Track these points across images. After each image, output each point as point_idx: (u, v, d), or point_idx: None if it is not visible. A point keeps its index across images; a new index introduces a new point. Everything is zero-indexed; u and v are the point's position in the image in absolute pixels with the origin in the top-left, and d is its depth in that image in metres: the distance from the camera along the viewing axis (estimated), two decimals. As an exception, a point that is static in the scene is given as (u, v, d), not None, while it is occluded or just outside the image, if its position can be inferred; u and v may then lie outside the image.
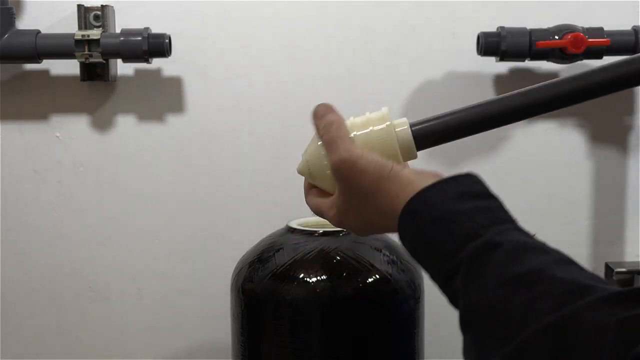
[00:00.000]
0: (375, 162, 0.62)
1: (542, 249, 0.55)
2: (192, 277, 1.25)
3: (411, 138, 0.68)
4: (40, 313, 1.25)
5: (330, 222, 0.67)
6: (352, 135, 0.66)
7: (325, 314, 0.87)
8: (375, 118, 0.68)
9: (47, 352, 1.25)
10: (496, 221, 0.58)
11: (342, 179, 0.63)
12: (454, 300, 0.55)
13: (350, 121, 0.68)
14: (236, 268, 0.95)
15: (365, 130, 0.67)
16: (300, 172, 0.70)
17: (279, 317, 0.87)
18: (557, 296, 0.49)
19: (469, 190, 0.60)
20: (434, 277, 0.58)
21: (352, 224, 0.66)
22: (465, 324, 0.53)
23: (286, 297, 0.86)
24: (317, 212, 0.69)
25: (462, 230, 0.56)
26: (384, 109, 0.69)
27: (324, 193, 0.68)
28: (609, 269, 1.25)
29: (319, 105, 0.68)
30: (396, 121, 0.68)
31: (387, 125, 0.67)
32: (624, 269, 1.23)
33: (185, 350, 1.26)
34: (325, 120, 0.66)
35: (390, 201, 0.60)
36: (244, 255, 0.95)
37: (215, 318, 1.24)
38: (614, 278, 1.23)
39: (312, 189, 0.70)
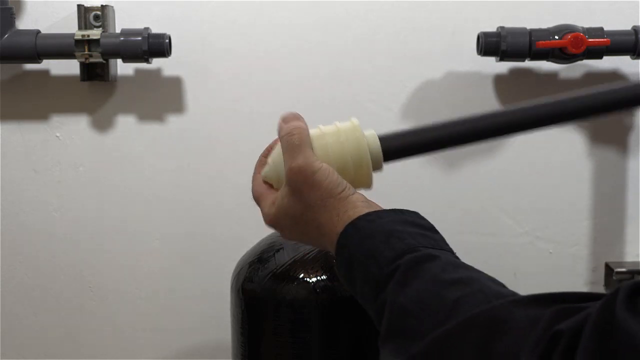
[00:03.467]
0: (330, 179, 0.62)
1: (476, 269, 0.56)
2: (192, 277, 1.25)
3: (380, 150, 0.67)
4: (40, 313, 1.25)
5: (264, 216, 0.67)
6: (324, 143, 0.66)
7: (325, 314, 0.87)
8: (346, 129, 0.67)
9: (47, 352, 1.25)
10: (437, 246, 0.58)
11: (294, 187, 0.63)
12: (379, 316, 0.55)
13: (319, 129, 0.67)
14: (236, 268, 0.95)
15: (339, 140, 0.66)
16: (267, 177, 0.68)
17: (279, 317, 0.87)
18: (489, 295, 0.50)
19: (415, 221, 0.61)
20: (366, 293, 0.57)
21: (285, 227, 0.66)
22: (388, 332, 0.53)
23: (286, 297, 0.86)
24: (257, 199, 0.68)
25: (403, 244, 0.57)
26: (354, 120, 0.68)
27: (271, 186, 0.68)
28: (609, 269, 1.25)
29: (287, 112, 0.69)
30: (366, 132, 0.67)
31: (359, 136, 0.66)
32: (624, 269, 1.23)
33: (185, 350, 1.26)
34: (291, 125, 0.66)
35: (330, 219, 0.61)
36: (244, 255, 0.95)
37: (215, 318, 1.24)
38: (614, 278, 1.23)
39: (259, 174, 0.69)
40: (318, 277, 0.86)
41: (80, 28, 1.13)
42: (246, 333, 0.91)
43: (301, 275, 0.86)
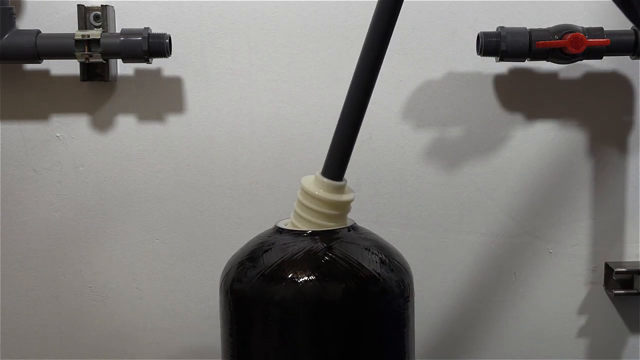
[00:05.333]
0: None
1: None
2: (191, 277, 1.25)
3: (325, 181, 0.91)
4: (40, 313, 1.25)
5: None
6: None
7: (314, 314, 0.86)
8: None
9: (47, 352, 1.26)
10: None
11: None
12: None
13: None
14: (225, 269, 0.94)
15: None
16: None
17: (267, 317, 0.87)
18: None
19: None
20: None
21: None
22: None
23: (275, 298, 0.85)
24: None
25: None
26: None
27: None
28: (608, 269, 1.25)
29: None
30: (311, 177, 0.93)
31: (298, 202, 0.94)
32: (624, 269, 1.23)
33: (185, 350, 1.26)
34: None
35: None
36: (232, 256, 0.95)
37: (215, 318, 1.24)
38: (614, 278, 1.23)
39: None
40: (307, 277, 0.85)
41: (80, 28, 1.13)
42: (235, 334, 0.90)
43: (290, 276, 0.86)
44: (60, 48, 1.12)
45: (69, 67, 1.18)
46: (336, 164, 0.90)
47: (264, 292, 0.86)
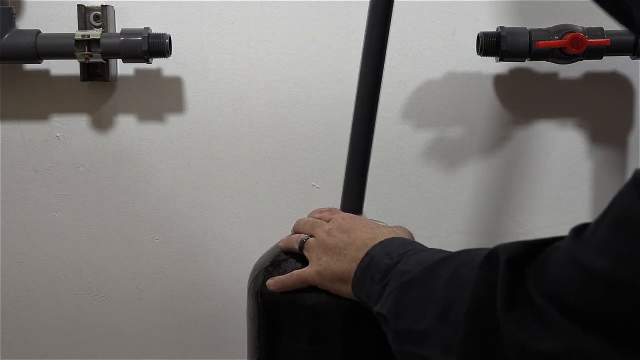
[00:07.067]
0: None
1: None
2: (191, 277, 1.25)
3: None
4: (40, 313, 1.25)
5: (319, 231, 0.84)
6: None
7: (345, 320, 0.84)
8: None
9: (47, 352, 1.26)
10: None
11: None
12: (380, 292, 0.72)
13: None
14: (253, 271, 0.92)
15: None
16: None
17: (297, 322, 0.84)
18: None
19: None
20: (376, 280, 0.74)
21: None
22: (389, 293, 0.71)
23: (306, 303, 0.84)
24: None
25: (412, 245, 0.76)
26: None
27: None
28: (609, 269, 1.24)
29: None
30: None
31: None
32: (624, 269, 1.22)
33: (186, 350, 1.26)
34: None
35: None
36: (260, 259, 0.93)
37: (215, 318, 1.24)
38: (614, 278, 1.23)
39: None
40: None
41: (80, 28, 1.13)
42: (263, 337, 0.88)
43: None
44: (60, 48, 1.12)
45: (69, 67, 1.18)
46: (355, 198, 0.90)
47: (295, 297, 0.84)
